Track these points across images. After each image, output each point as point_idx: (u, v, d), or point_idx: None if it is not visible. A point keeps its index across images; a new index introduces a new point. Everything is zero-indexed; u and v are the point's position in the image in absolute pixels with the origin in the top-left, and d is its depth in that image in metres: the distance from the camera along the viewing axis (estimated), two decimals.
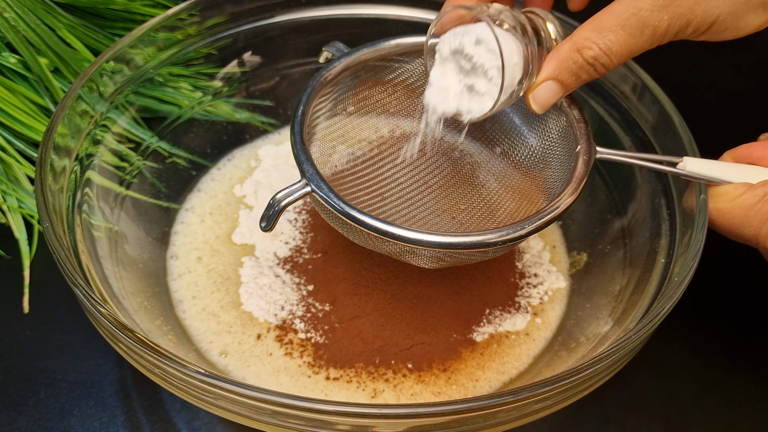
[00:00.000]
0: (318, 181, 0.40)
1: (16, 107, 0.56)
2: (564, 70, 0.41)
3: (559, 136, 0.46)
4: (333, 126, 0.47)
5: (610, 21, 0.39)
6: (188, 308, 0.51)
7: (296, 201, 0.40)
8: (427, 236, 0.39)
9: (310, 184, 0.40)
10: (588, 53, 0.40)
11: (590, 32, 0.40)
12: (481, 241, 0.40)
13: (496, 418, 0.37)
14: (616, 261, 0.51)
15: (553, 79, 0.41)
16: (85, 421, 0.47)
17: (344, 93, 0.48)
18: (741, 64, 0.75)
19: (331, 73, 0.45)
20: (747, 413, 0.50)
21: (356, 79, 0.47)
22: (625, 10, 0.39)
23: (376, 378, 0.48)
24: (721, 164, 0.43)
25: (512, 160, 0.49)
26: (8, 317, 0.52)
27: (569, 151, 0.45)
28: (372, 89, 0.49)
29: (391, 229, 0.39)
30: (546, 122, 0.47)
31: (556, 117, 0.46)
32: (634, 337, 0.39)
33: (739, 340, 0.54)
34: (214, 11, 0.56)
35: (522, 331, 0.51)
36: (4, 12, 0.55)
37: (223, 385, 0.36)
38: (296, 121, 0.42)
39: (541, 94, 0.42)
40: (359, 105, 0.48)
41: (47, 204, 0.43)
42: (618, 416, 0.49)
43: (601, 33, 0.39)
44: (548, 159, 0.47)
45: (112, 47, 0.51)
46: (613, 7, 0.40)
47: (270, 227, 0.40)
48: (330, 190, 0.40)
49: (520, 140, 0.48)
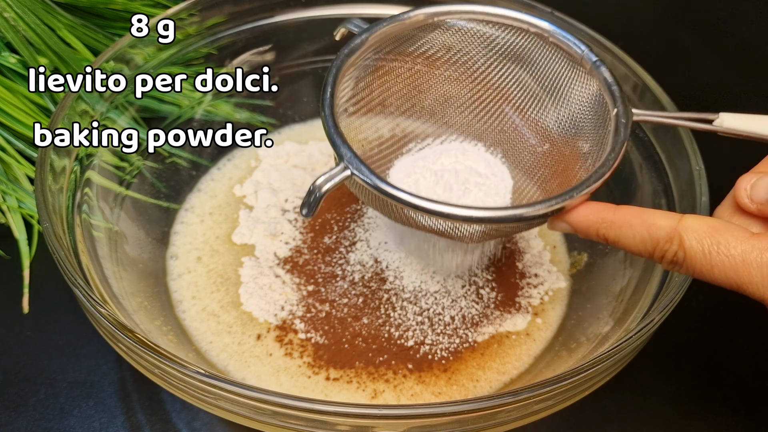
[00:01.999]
0: (357, 164, 0.39)
1: (16, 107, 0.56)
2: (595, 232, 0.38)
3: (590, 100, 0.44)
4: (359, 104, 0.46)
5: (728, 238, 0.34)
6: (188, 308, 0.51)
7: (337, 185, 0.39)
8: (473, 212, 0.38)
9: (349, 167, 0.39)
10: (670, 251, 0.36)
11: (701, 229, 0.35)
12: (518, 215, 0.38)
13: (496, 419, 0.37)
14: (616, 261, 0.51)
15: (572, 226, 0.39)
16: (84, 421, 0.47)
17: (367, 70, 0.46)
18: (741, 64, 0.75)
19: (354, 51, 0.44)
20: (747, 413, 0.50)
21: (378, 53, 0.46)
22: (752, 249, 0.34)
23: (376, 378, 0.48)
24: (759, 118, 0.40)
25: (543, 126, 0.47)
26: (8, 317, 0.52)
27: (604, 115, 0.43)
28: (396, 63, 0.47)
29: (439, 208, 0.38)
30: (575, 86, 0.45)
31: (586, 81, 0.44)
32: (634, 337, 0.39)
33: (740, 340, 0.54)
34: (214, 11, 0.56)
35: (522, 332, 0.51)
36: (3, 12, 0.55)
37: (223, 385, 0.36)
38: (326, 104, 0.41)
39: (553, 223, 0.40)
40: (383, 82, 0.47)
41: (47, 204, 0.43)
42: (618, 417, 0.49)
43: None
44: (581, 125, 0.45)
45: (112, 47, 0.51)
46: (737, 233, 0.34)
47: (312, 214, 0.39)
48: (371, 172, 0.39)
49: (548, 105, 0.47)
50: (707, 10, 0.80)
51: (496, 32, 0.46)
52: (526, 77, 0.46)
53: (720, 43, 0.77)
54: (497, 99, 0.48)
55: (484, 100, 0.48)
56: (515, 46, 0.46)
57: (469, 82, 0.48)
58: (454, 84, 0.48)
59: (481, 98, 0.48)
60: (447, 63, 0.48)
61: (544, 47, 0.45)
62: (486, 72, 0.47)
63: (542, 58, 0.46)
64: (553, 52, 0.45)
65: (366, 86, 0.46)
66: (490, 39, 0.46)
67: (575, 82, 0.45)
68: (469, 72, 0.48)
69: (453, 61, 0.48)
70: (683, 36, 0.78)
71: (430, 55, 0.47)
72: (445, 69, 0.48)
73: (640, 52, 0.53)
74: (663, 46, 0.76)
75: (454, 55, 0.47)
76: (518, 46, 0.46)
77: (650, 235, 0.36)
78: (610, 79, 0.43)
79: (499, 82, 0.47)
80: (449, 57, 0.47)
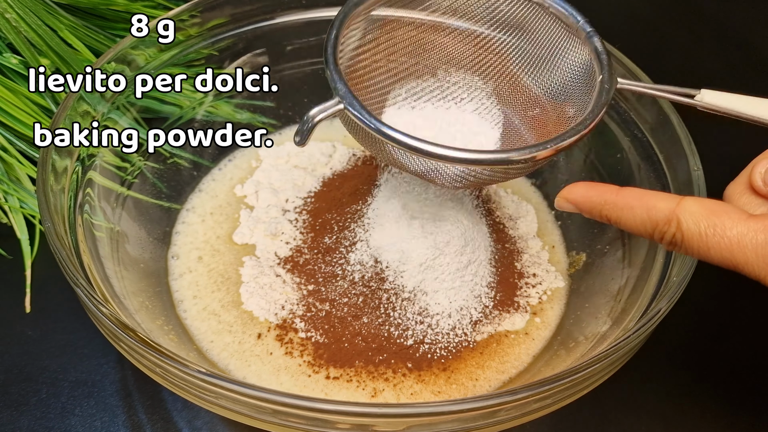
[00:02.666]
0: (351, 99, 0.41)
1: (18, 108, 0.56)
2: (598, 213, 0.39)
3: (581, 68, 0.46)
4: (363, 55, 0.48)
5: (731, 224, 0.34)
6: (189, 308, 0.51)
7: (328, 117, 0.40)
8: (452, 152, 0.40)
9: (343, 102, 0.41)
10: (669, 233, 0.36)
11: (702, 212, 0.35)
12: (505, 158, 0.41)
13: (495, 417, 0.37)
14: (615, 261, 0.51)
15: (576, 206, 0.40)
16: (86, 420, 0.48)
17: (374, 23, 0.48)
18: (740, 64, 0.75)
19: (363, 1, 0.45)
20: (746, 413, 0.50)
21: (386, 8, 0.48)
22: None
23: (376, 377, 0.48)
24: (739, 97, 0.41)
25: (535, 91, 0.49)
26: (10, 317, 0.52)
27: (592, 82, 0.45)
28: (402, 20, 0.49)
29: (419, 145, 0.40)
30: (569, 54, 0.47)
31: (579, 49, 0.46)
32: (632, 336, 0.39)
33: (738, 339, 0.54)
34: (215, 12, 0.56)
35: (521, 331, 0.51)
36: (5, 13, 0.55)
37: (224, 384, 0.36)
38: (329, 44, 0.43)
39: (560, 203, 0.41)
40: (389, 38, 0.49)
41: (49, 204, 0.43)
42: (617, 415, 0.50)
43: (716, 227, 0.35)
44: (570, 91, 0.47)
45: (114, 48, 0.51)
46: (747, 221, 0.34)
47: (303, 142, 0.40)
48: (362, 107, 0.40)
49: (543, 71, 0.49)
50: (706, 11, 0.80)
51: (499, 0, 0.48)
52: (524, 43, 0.49)
53: (719, 43, 0.77)
54: (496, 62, 0.50)
55: (484, 63, 0.50)
56: (517, 13, 0.48)
57: (471, 45, 0.50)
58: (457, 45, 0.50)
59: (481, 60, 0.50)
60: (450, 26, 0.49)
61: (543, 16, 0.47)
62: (488, 36, 0.49)
63: (541, 26, 0.48)
64: (551, 21, 0.47)
65: (372, 39, 0.48)
66: (494, 4, 0.48)
67: (569, 50, 0.47)
68: (471, 35, 0.50)
69: (456, 25, 0.49)
70: (682, 36, 0.78)
71: (435, 15, 0.49)
72: (449, 30, 0.50)
73: (638, 53, 0.54)
74: (662, 47, 0.77)
75: (459, 18, 0.49)
76: (520, 13, 0.48)
77: (650, 217, 0.37)
78: (600, 48, 0.45)
79: (499, 47, 0.49)
80: (454, 19, 0.49)
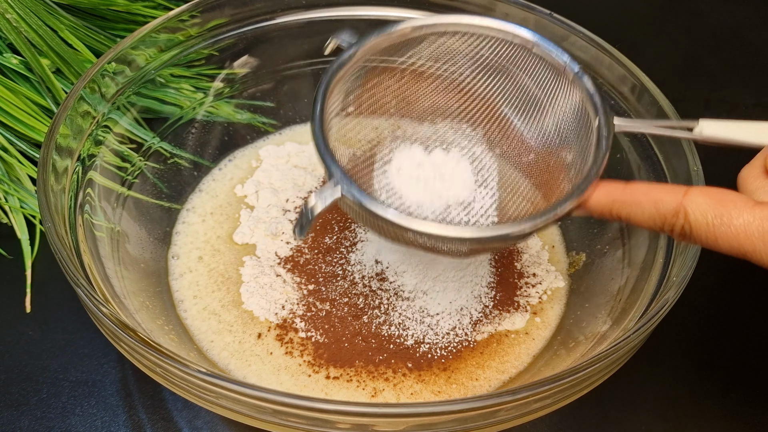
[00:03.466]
0: (349, 185, 0.39)
1: (18, 108, 0.56)
2: (608, 213, 0.39)
3: (573, 110, 0.45)
4: (348, 121, 0.46)
5: (736, 213, 0.35)
6: (189, 307, 0.51)
7: (329, 206, 0.39)
8: (467, 232, 0.39)
9: (342, 189, 0.39)
10: (677, 225, 0.36)
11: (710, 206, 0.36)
12: (510, 234, 0.39)
13: (495, 417, 0.37)
14: (614, 261, 0.51)
15: (586, 209, 0.40)
16: (86, 420, 0.48)
17: (357, 83, 0.46)
18: (739, 64, 0.76)
19: (344, 66, 0.44)
20: (745, 413, 0.50)
21: (367, 66, 0.46)
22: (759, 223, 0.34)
23: (376, 377, 0.48)
24: (738, 124, 0.40)
25: (528, 137, 0.47)
26: (10, 317, 0.52)
27: (587, 125, 0.43)
28: (384, 75, 0.47)
29: (425, 228, 0.38)
30: (559, 97, 0.45)
31: (569, 91, 0.45)
32: (632, 336, 0.39)
33: (738, 340, 0.54)
34: (216, 12, 0.56)
35: (521, 330, 0.51)
36: (6, 13, 0.55)
37: (225, 384, 0.36)
38: (316, 123, 0.41)
39: None
40: (373, 94, 0.47)
41: (49, 204, 0.43)
42: (616, 415, 0.50)
43: None
44: (565, 135, 0.45)
45: (114, 48, 0.51)
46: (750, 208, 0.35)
47: (304, 235, 0.40)
48: (361, 192, 0.39)
49: (533, 116, 0.47)
50: (706, 12, 0.81)
51: (481, 44, 0.46)
52: (511, 88, 0.47)
53: (719, 44, 0.78)
54: (483, 110, 0.48)
55: (471, 111, 0.48)
56: (500, 57, 0.46)
57: (456, 93, 0.48)
58: (441, 95, 0.48)
59: (467, 108, 0.48)
60: (434, 74, 0.48)
61: (528, 58, 0.45)
62: (472, 83, 0.47)
63: (527, 69, 0.46)
64: (537, 62, 0.45)
65: (355, 99, 0.46)
66: (476, 50, 0.46)
67: (559, 92, 0.45)
68: (455, 83, 0.48)
69: (440, 72, 0.48)
70: (682, 37, 0.78)
71: (417, 66, 0.47)
72: (433, 80, 0.48)
73: (638, 54, 0.54)
74: (662, 47, 0.77)
75: (441, 66, 0.47)
76: (503, 57, 0.46)
77: (658, 211, 0.37)
78: (592, 90, 0.43)
79: (485, 93, 0.47)
80: (436, 68, 0.47)
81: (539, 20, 0.53)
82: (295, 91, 0.62)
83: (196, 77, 0.59)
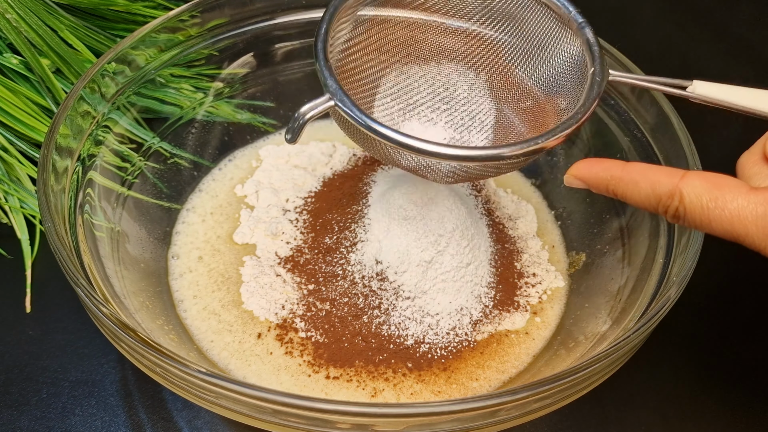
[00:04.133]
0: (341, 95, 0.41)
1: (18, 108, 0.56)
2: (605, 188, 0.39)
3: (573, 60, 0.46)
4: (355, 48, 0.47)
5: (732, 196, 0.35)
6: (189, 307, 0.51)
7: (320, 114, 0.41)
8: (443, 149, 0.40)
9: (333, 98, 0.41)
10: (672, 206, 0.37)
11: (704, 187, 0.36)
12: (495, 155, 0.41)
13: (495, 417, 0.37)
14: (614, 261, 0.51)
15: (584, 182, 0.40)
16: (86, 420, 0.48)
17: (365, 16, 0.47)
18: (740, 64, 0.75)
19: None
20: (745, 412, 0.50)
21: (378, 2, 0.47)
22: None
23: (375, 377, 0.48)
24: (731, 88, 0.42)
25: (527, 83, 0.49)
26: (10, 317, 0.52)
27: (583, 74, 0.45)
28: (394, 12, 0.49)
29: (409, 141, 0.40)
30: (561, 45, 0.47)
31: (571, 41, 0.46)
32: (632, 336, 0.39)
33: (738, 339, 0.54)
34: (216, 13, 0.56)
35: (522, 330, 0.51)
36: (6, 13, 0.55)
37: (224, 384, 0.36)
38: (319, 39, 0.43)
39: (569, 179, 0.41)
40: (381, 29, 0.48)
41: (49, 204, 0.43)
42: (616, 415, 0.50)
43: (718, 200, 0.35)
44: (562, 83, 0.47)
45: (114, 48, 0.51)
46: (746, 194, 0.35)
47: (294, 139, 0.41)
48: (352, 104, 0.41)
49: (535, 62, 0.48)
50: (706, 11, 0.80)
51: None
52: (517, 35, 0.48)
53: (719, 43, 0.77)
54: (488, 54, 0.49)
55: (476, 55, 0.49)
56: (509, 4, 0.48)
57: (463, 38, 0.49)
58: (449, 36, 0.49)
59: (472, 53, 0.49)
60: (443, 15, 0.49)
61: (536, 6, 0.47)
62: (480, 27, 0.49)
63: (533, 17, 0.47)
64: (543, 11, 0.47)
65: (362, 33, 0.47)
66: None
67: (561, 41, 0.47)
68: (464, 26, 0.49)
69: (449, 14, 0.49)
70: (681, 36, 0.78)
71: (427, 10, 0.49)
72: (441, 23, 0.49)
73: (638, 53, 0.54)
74: (662, 47, 0.77)
75: (451, 8, 0.49)
76: (512, 4, 0.47)
77: (653, 191, 0.37)
78: (592, 40, 0.45)
79: (491, 39, 0.49)
80: (446, 9, 0.49)
81: None
82: (295, 91, 0.62)
83: (196, 77, 0.59)
